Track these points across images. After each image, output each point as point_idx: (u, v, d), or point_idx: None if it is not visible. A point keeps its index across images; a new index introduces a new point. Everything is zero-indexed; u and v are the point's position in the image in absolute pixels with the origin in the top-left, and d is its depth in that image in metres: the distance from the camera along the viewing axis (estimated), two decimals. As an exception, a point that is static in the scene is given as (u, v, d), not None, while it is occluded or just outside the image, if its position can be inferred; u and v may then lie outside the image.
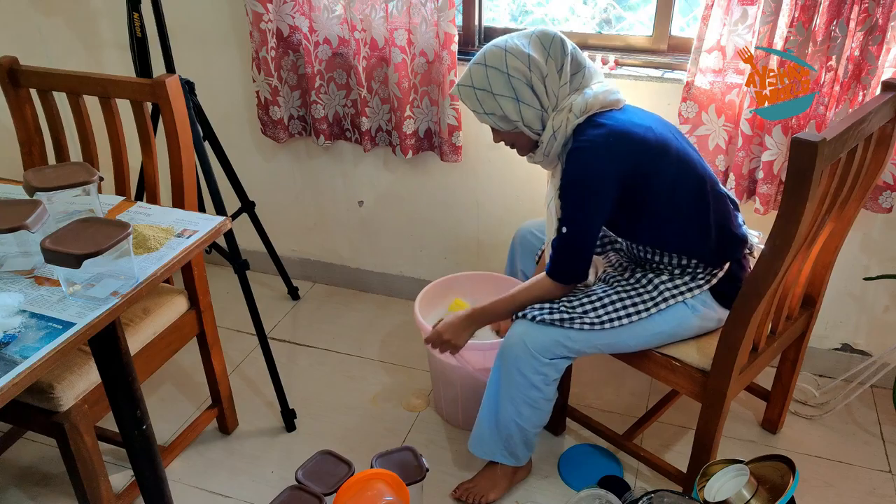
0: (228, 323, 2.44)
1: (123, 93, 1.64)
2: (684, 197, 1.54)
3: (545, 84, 1.51)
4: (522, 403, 1.65)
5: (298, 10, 2.10)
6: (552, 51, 1.51)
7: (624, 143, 1.49)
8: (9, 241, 1.27)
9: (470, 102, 1.56)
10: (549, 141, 1.53)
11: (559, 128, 1.51)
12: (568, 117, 1.50)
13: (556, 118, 1.51)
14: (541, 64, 1.49)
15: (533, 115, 1.52)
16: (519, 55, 1.49)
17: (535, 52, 1.49)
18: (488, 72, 1.51)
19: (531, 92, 1.51)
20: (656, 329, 1.58)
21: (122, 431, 1.43)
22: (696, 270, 1.59)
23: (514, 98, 1.51)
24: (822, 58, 1.72)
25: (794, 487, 1.48)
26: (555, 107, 1.52)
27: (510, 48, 1.50)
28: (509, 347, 1.61)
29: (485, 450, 1.76)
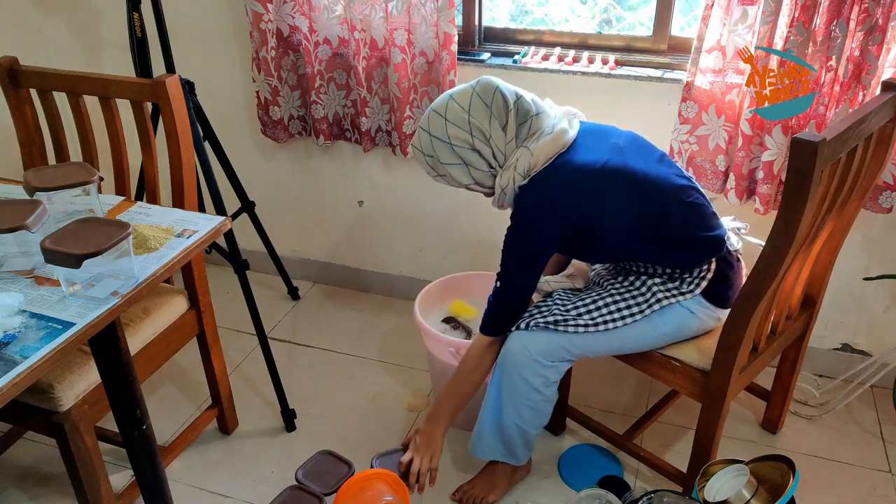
0: (228, 323, 2.44)
1: (123, 93, 1.64)
2: (643, 226, 1.51)
3: (490, 145, 1.50)
4: (524, 406, 1.65)
5: (298, 10, 2.10)
6: (494, 108, 1.49)
7: (564, 203, 1.48)
8: (9, 241, 1.27)
9: (422, 165, 1.58)
10: (499, 196, 1.55)
11: (506, 186, 1.51)
12: (514, 176, 1.50)
13: (503, 176, 1.51)
14: (483, 126, 1.49)
15: (483, 175, 1.54)
16: (460, 122, 1.48)
17: (475, 115, 1.48)
18: (433, 142, 1.52)
19: (478, 156, 1.51)
20: (657, 330, 1.57)
21: (122, 431, 1.43)
22: (682, 275, 1.58)
23: (462, 164, 1.52)
24: (822, 58, 1.72)
25: (794, 487, 1.48)
26: (502, 164, 1.52)
27: (449, 115, 1.49)
28: (511, 353, 1.61)
29: (485, 452, 1.76)
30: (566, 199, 1.48)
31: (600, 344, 1.59)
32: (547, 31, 2.19)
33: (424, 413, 2.10)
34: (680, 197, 1.53)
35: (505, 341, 1.63)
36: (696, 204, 1.56)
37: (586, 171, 1.47)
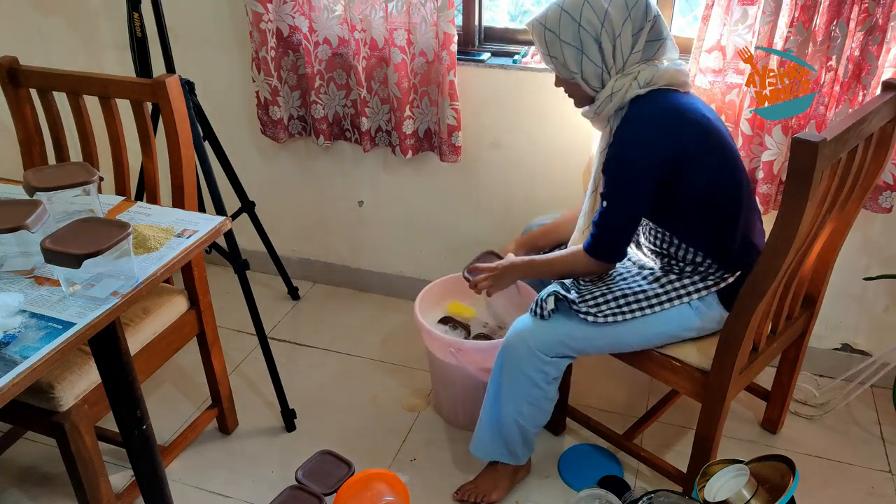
0: (228, 323, 2.44)
1: (123, 93, 1.64)
2: (721, 196, 1.53)
3: (615, 44, 1.47)
4: (523, 402, 1.65)
5: (298, 10, 2.10)
6: (633, 12, 1.46)
7: (675, 124, 1.47)
8: (9, 241, 1.27)
9: (537, 40, 1.53)
10: (604, 101, 1.51)
11: (618, 91, 1.48)
12: (631, 84, 1.48)
13: (619, 81, 1.48)
14: (616, 23, 1.46)
15: (593, 72, 1.50)
16: (597, 7, 1.45)
17: (614, 10, 1.45)
18: (562, 16, 1.47)
19: (597, 48, 1.47)
20: (657, 329, 1.57)
21: (122, 431, 1.43)
22: (707, 271, 1.58)
23: (580, 49, 1.48)
24: (822, 58, 1.72)
25: (794, 487, 1.48)
26: (620, 69, 1.49)
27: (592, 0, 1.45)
28: (511, 346, 1.61)
29: (485, 451, 1.76)
30: (684, 121, 1.47)
31: (602, 338, 1.58)
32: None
33: (425, 412, 2.10)
34: (751, 194, 1.58)
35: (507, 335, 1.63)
36: (756, 209, 1.61)
37: (696, 115, 1.49)
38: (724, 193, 1.53)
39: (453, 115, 2.11)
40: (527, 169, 2.23)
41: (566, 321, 1.57)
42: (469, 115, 2.18)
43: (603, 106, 1.52)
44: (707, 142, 1.49)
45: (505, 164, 2.26)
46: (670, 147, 1.47)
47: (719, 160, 1.51)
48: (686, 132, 1.48)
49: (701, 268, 1.59)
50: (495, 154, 2.25)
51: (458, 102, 2.10)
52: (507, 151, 2.23)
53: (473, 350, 1.84)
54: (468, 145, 2.23)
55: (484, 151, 2.25)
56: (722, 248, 1.56)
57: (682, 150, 1.47)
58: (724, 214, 1.54)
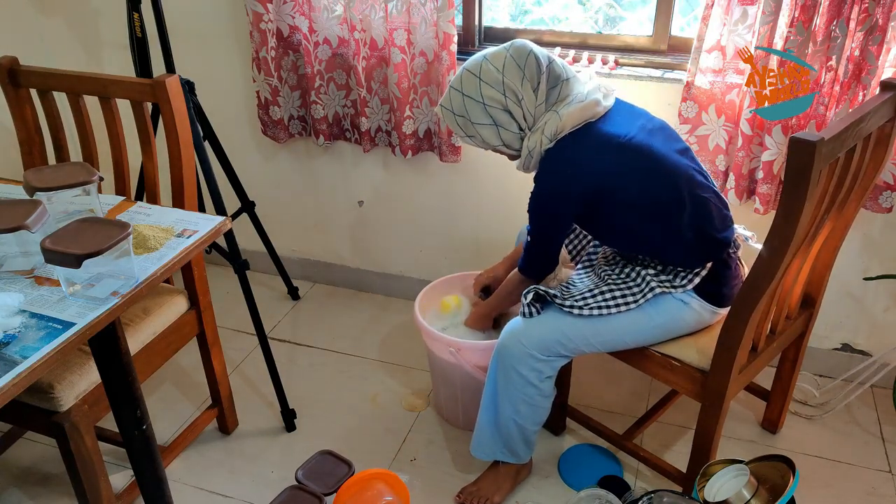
0: (228, 323, 2.44)
1: (123, 93, 1.64)
2: (653, 207, 1.54)
3: (521, 106, 1.54)
4: (520, 402, 1.65)
5: (298, 10, 2.10)
6: (527, 70, 1.52)
7: (583, 170, 1.52)
8: (9, 241, 1.27)
9: (451, 126, 1.62)
10: (525, 159, 1.59)
11: (534, 148, 1.55)
12: (541, 139, 1.53)
13: (531, 139, 1.55)
14: (516, 88, 1.52)
15: (512, 137, 1.58)
16: (493, 82, 1.52)
17: (509, 76, 1.51)
18: (465, 101, 1.55)
19: (509, 117, 1.55)
20: (652, 321, 1.57)
21: (122, 431, 1.43)
22: (675, 270, 1.59)
23: (493, 124, 1.56)
24: (822, 58, 1.72)
25: (794, 487, 1.48)
26: (531, 126, 1.56)
27: (484, 74, 1.52)
28: (505, 346, 1.62)
29: (486, 451, 1.76)
30: (587, 163, 1.52)
31: (594, 335, 1.58)
32: (547, 31, 2.19)
33: (425, 412, 2.10)
34: (695, 190, 1.56)
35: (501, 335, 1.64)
36: (708, 201, 1.57)
37: (610, 142, 1.51)
38: (657, 204, 1.54)
39: (453, 115, 2.11)
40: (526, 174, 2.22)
41: (558, 319, 1.58)
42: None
43: (526, 163, 1.60)
44: (623, 167, 1.51)
45: (505, 164, 2.24)
46: (579, 189, 1.53)
47: (645, 176, 1.51)
48: (593, 171, 1.52)
49: (669, 266, 1.60)
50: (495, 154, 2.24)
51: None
52: (507, 151, 2.23)
53: (473, 350, 1.84)
54: (468, 145, 2.23)
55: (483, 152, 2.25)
56: (672, 253, 1.57)
57: (593, 187, 1.53)
58: (662, 223, 1.55)
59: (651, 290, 1.57)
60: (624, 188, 1.52)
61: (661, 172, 1.53)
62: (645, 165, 1.51)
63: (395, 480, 1.77)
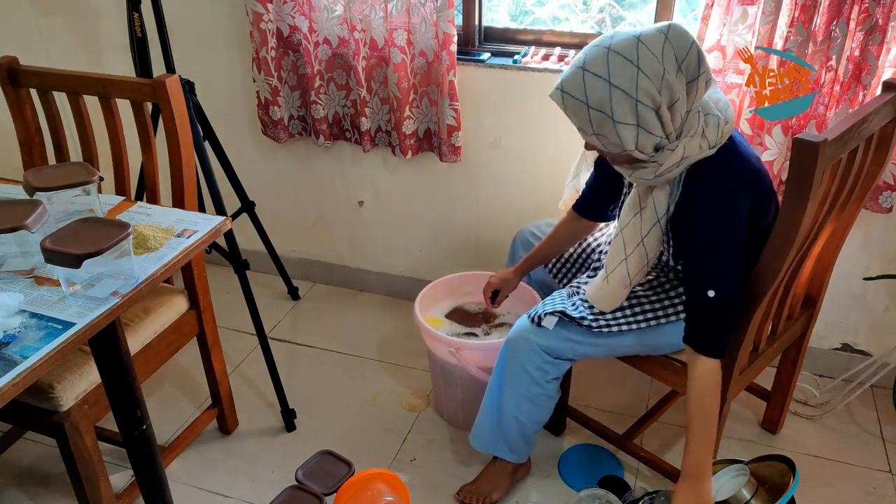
0: (228, 323, 2.44)
1: (123, 93, 1.64)
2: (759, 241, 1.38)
3: (672, 110, 1.27)
4: (523, 398, 1.64)
5: (298, 10, 2.10)
6: (686, 65, 1.23)
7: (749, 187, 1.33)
8: (9, 241, 1.27)
9: (577, 119, 1.30)
10: (670, 166, 1.31)
11: (688, 156, 1.30)
12: (700, 144, 1.30)
13: (690, 145, 1.29)
14: (675, 86, 1.23)
15: (650, 142, 1.29)
16: (653, 75, 1.22)
17: (669, 71, 1.22)
18: (612, 92, 1.23)
19: (656, 119, 1.26)
20: (661, 341, 1.56)
21: (122, 431, 1.43)
22: None
23: (636, 125, 1.26)
24: (822, 58, 1.72)
25: (794, 487, 1.48)
26: (678, 129, 1.30)
27: (644, 64, 1.21)
28: (515, 340, 1.61)
29: (485, 443, 1.75)
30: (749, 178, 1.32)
31: (606, 345, 1.57)
32: (547, 31, 2.19)
33: (425, 412, 2.10)
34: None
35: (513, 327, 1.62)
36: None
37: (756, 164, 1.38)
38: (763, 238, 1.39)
39: (453, 115, 2.11)
40: (527, 169, 2.23)
41: (573, 327, 1.56)
42: (469, 115, 2.18)
43: (668, 170, 1.32)
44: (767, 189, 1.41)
45: (505, 164, 2.25)
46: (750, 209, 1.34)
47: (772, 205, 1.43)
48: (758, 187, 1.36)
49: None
50: (495, 154, 2.25)
51: (458, 102, 2.10)
52: (507, 151, 2.23)
53: (473, 350, 1.84)
54: (468, 145, 2.23)
55: (484, 151, 2.25)
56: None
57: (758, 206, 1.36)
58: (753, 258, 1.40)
59: (677, 314, 1.52)
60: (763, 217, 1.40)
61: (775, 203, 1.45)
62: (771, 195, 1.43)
63: (395, 480, 1.77)
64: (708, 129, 1.31)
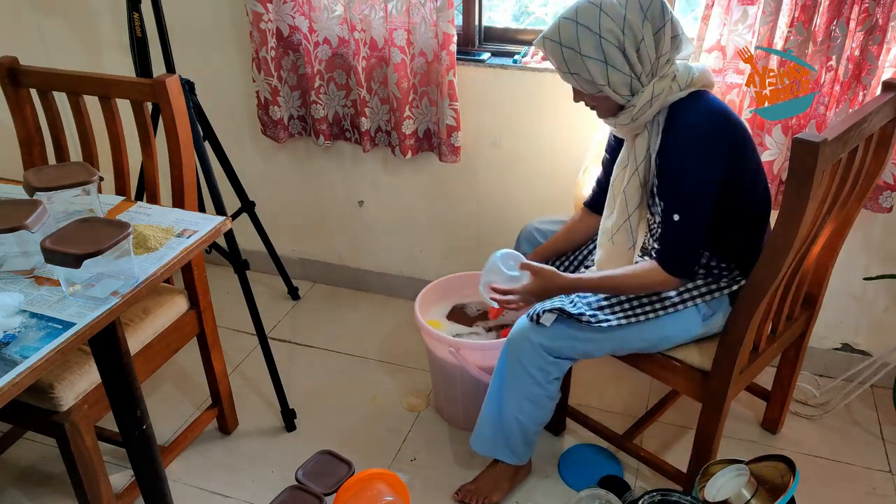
0: (228, 323, 2.44)
1: (123, 93, 1.64)
2: (757, 205, 1.50)
3: (638, 50, 1.42)
4: (524, 399, 1.64)
5: (298, 10, 2.10)
6: (650, 13, 1.41)
7: (727, 127, 1.43)
8: (9, 241, 1.27)
9: (554, 59, 1.47)
10: (643, 107, 1.44)
11: (659, 95, 1.43)
12: (671, 86, 1.43)
13: (658, 84, 1.43)
14: (637, 28, 1.40)
15: (621, 81, 1.43)
16: (614, 16, 1.39)
17: (631, 14, 1.40)
18: (578, 30, 1.41)
19: (622, 57, 1.41)
20: (663, 333, 1.56)
21: (122, 431, 1.43)
22: (721, 273, 1.57)
23: (603, 61, 1.42)
24: (822, 58, 1.72)
25: (794, 487, 1.48)
26: (649, 73, 1.44)
27: (605, 6, 1.40)
28: (516, 340, 1.60)
29: (486, 446, 1.75)
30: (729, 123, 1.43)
31: (607, 342, 1.57)
32: (547, 31, 2.18)
33: (425, 412, 2.10)
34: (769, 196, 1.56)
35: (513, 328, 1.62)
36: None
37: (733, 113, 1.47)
38: (760, 203, 1.51)
39: (453, 115, 2.11)
40: (527, 169, 2.23)
41: (573, 324, 1.55)
42: (469, 115, 2.18)
43: (642, 112, 1.45)
44: (748, 148, 1.47)
45: (505, 164, 2.25)
46: (727, 149, 1.42)
47: (756, 167, 1.50)
48: (735, 135, 1.44)
49: (715, 270, 1.57)
50: (495, 154, 2.25)
51: (458, 102, 2.10)
52: (507, 151, 2.23)
53: (473, 350, 1.84)
54: (468, 145, 2.23)
55: (484, 151, 2.25)
56: (745, 255, 1.53)
57: (734, 154, 1.43)
58: (758, 224, 1.52)
59: (683, 303, 1.54)
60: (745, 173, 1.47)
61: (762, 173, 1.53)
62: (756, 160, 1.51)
63: (395, 480, 1.77)
64: (679, 74, 1.45)
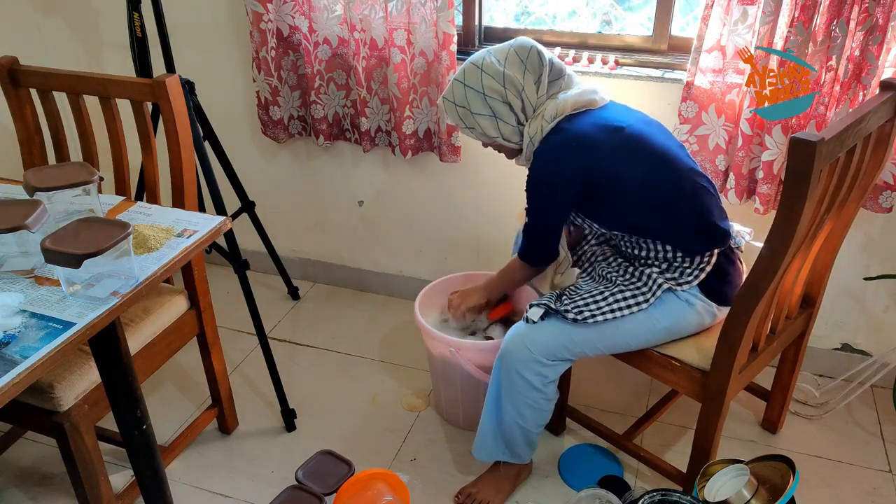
0: (228, 323, 2.44)
1: (123, 93, 1.64)
2: (655, 190, 1.56)
3: (522, 98, 1.57)
4: (523, 405, 1.65)
5: (298, 10, 2.10)
6: (529, 63, 1.56)
7: (581, 146, 1.53)
8: (9, 241, 1.27)
9: (451, 117, 1.65)
10: (527, 148, 1.60)
11: (534, 135, 1.58)
12: (541, 124, 1.56)
13: (532, 125, 1.58)
14: (516, 80, 1.56)
15: (511, 131, 1.60)
16: (494, 74, 1.55)
17: (510, 69, 1.55)
18: (466, 91, 1.58)
19: (508, 109, 1.58)
20: (656, 325, 1.57)
21: (122, 431, 1.43)
22: (682, 264, 1.59)
23: (492, 116, 1.59)
24: (822, 58, 1.72)
25: (794, 487, 1.48)
26: (531, 115, 1.59)
27: (486, 67, 1.56)
28: (509, 351, 1.61)
29: (489, 453, 1.76)
30: (586, 139, 1.53)
31: (601, 340, 1.58)
32: (547, 30, 2.19)
33: (425, 412, 2.10)
34: (692, 178, 1.59)
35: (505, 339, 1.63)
36: (706, 190, 1.60)
37: (608, 126, 1.55)
38: (659, 187, 1.56)
39: (453, 115, 2.11)
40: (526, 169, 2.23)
41: (563, 325, 1.57)
42: (469, 115, 2.18)
43: (528, 153, 1.62)
44: (620, 151, 1.53)
45: (505, 164, 2.24)
46: (577, 167, 1.54)
47: (644, 161, 1.54)
48: (590, 150, 1.53)
49: (675, 262, 1.59)
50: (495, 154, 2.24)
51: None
52: (507, 151, 2.23)
53: (473, 350, 1.84)
54: (468, 145, 2.23)
55: (484, 151, 2.24)
56: (677, 233, 1.57)
57: (591, 166, 1.53)
58: (664, 204, 1.56)
59: (659, 287, 1.56)
60: (621, 171, 1.54)
61: (658, 158, 1.56)
62: (643, 150, 1.55)
63: (395, 480, 1.77)
64: (547, 110, 1.56)
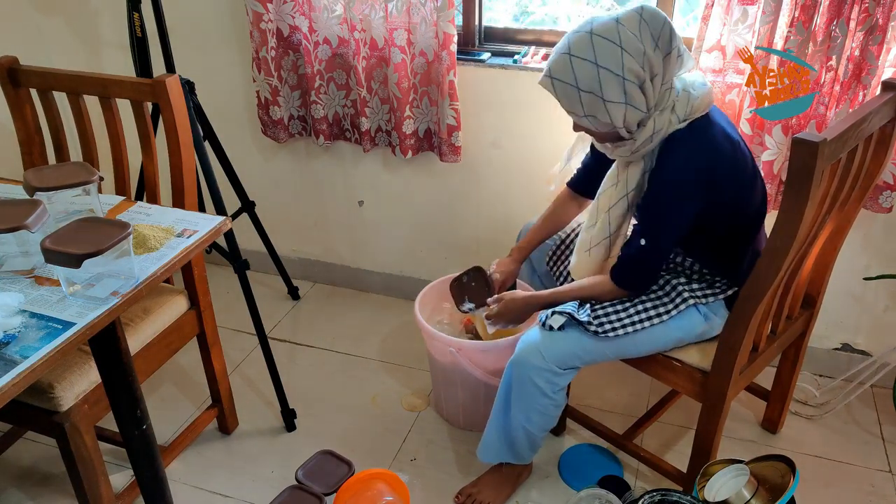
0: (228, 323, 2.44)
1: (123, 93, 1.64)
2: (741, 221, 1.51)
3: (653, 84, 1.35)
4: (532, 411, 1.64)
5: (298, 10, 2.10)
6: (661, 41, 1.32)
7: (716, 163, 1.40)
8: (9, 241, 1.27)
9: (568, 102, 1.38)
10: (643, 141, 1.40)
11: (660, 130, 1.39)
12: (670, 119, 1.39)
13: (660, 119, 1.38)
14: (655, 62, 1.32)
15: (635, 118, 1.38)
16: (636, 53, 1.30)
17: (648, 48, 1.31)
18: (600, 73, 1.31)
19: (642, 95, 1.35)
20: (668, 336, 1.56)
21: (122, 431, 1.43)
22: (714, 279, 1.58)
23: (625, 103, 1.33)
24: (822, 58, 1.72)
25: (794, 487, 1.48)
26: (657, 106, 1.39)
27: (627, 43, 1.29)
28: (523, 358, 1.59)
29: (493, 455, 1.75)
30: (718, 154, 1.39)
31: (613, 350, 1.57)
32: (547, 30, 2.19)
33: (425, 412, 2.10)
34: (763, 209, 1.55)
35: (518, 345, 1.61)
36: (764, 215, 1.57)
37: (729, 137, 1.43)
38: (744, 219, 1.52)
39: (453, 114, 2.11)
40: (527, 168, 2.23)
41: (578, 334, 1.55)
42: (469, 115, 2.18)
43: (644, 145, 1.41)
44: (734, 172, 1.45)
45: (505, 164, 2.25)
46: (704, 186, 1.41)
47: (743, 187, 1.48)
48: (719, 166, 1.41)
49: (707, 277, 1.58)
50: (495, 154, 2.25)
51: (458, 102, 2.10)
52: (507, 151, 2.23)
53: (473, 350, 1.84)
54: (468, 145, 2.23)
55: (484, 151, 2.25)
56: (732, 267, 1.55)
57: (714, 184, 1.41)
58: (738, 238, 1.53)
59: (684, 302, 1.53)
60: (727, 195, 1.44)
61: (754, 189, 1.50)
62: (746, 179, 1.48)
63: (395, 480, 1.77)
64: (678, 104, 1.39)
